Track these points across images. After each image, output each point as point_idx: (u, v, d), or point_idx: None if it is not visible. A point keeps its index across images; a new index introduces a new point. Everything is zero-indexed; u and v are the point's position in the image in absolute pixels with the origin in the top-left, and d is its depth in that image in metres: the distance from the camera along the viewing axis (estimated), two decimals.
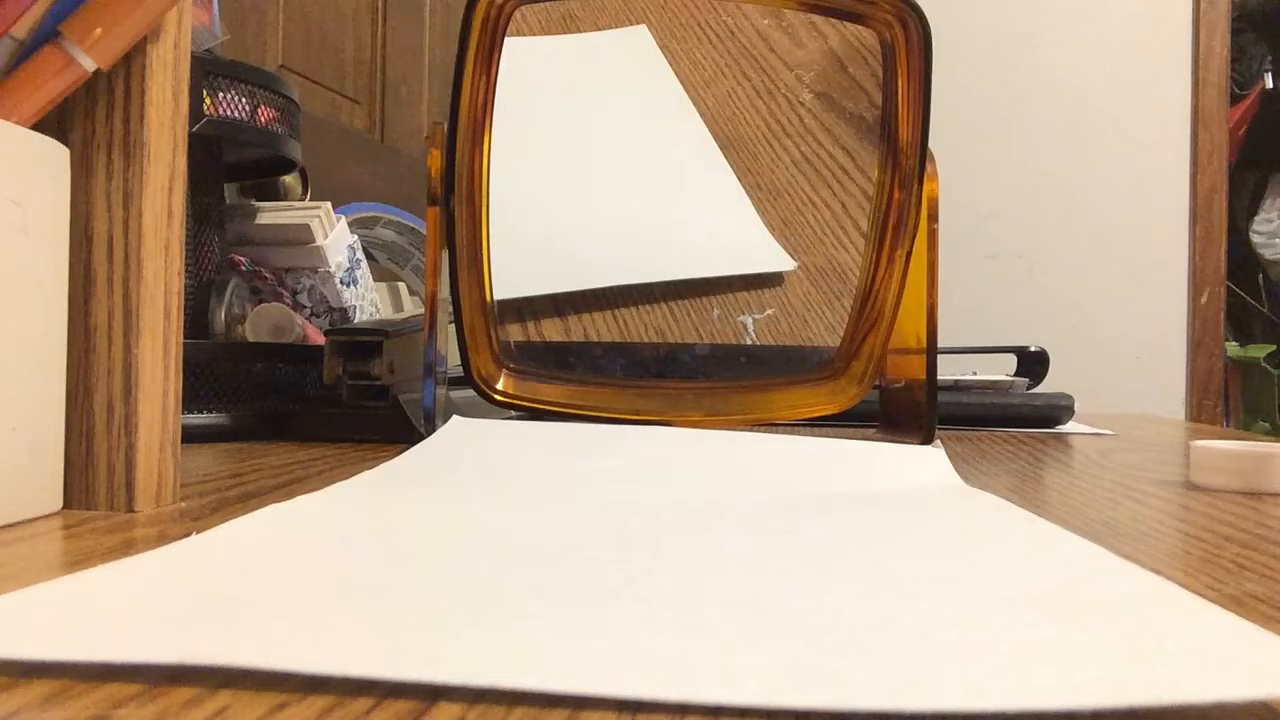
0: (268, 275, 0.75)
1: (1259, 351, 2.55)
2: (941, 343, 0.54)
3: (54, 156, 0.32)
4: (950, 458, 0.48)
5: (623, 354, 0.60)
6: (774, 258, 0.61)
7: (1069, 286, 2.30)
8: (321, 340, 0.61)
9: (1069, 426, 0.78)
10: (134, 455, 0.33)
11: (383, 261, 1.06)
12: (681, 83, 0.63)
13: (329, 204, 0.79)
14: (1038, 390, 0.86)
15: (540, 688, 0.16)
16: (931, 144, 0.54)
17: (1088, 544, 0.28)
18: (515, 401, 0.56)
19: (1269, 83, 2.67)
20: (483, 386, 0.55)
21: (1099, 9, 2.32)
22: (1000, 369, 0.87)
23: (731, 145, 0.62)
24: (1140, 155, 2.31)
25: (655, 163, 0.63)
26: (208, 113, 0.60)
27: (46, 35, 0.31)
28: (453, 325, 0.54)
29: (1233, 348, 2.52)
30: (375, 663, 0.17)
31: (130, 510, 0.33)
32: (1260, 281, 2.67)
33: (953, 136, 1.76)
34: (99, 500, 0.33)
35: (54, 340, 0.32)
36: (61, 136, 0.33)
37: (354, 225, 0.89)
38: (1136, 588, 0.24)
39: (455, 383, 0.56)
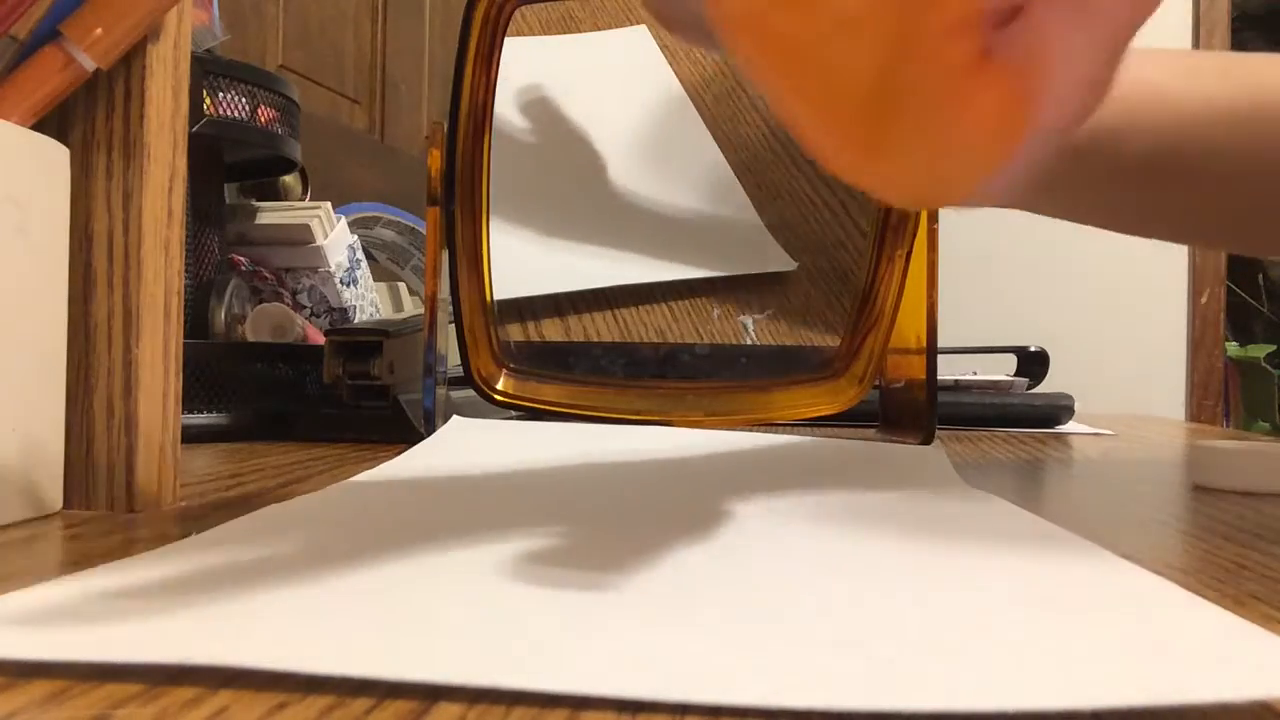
0: (268, 275, 0.75)
1: (1259, 351, 2.55)
2: (941, 343, 0.54)
3: (54, 156, 0.32)
4: (950, 458, 0.48)
5: (623, 354, 0.60)
6: (774, 258, 0.61)
7: (1069, 286, 2.30)
8: (321, 340, 0.61)
9: (1069, 426, 0.78)
10: (134, 455, 0.33)
11: (383, 261, 1.06)
12: (681, 82, 0.63)
13: (329, 204, 0.79)
14: (1038, 390, 0.86)
15: (540, 688, 0.16)
16: None
17: (1088, 544, 0.28)
18: (515, 401, 0.55)
19: None
20: (483, 386, 0.55)
21: None
22: (1000, 369, 0.87)
23: (732, 145, 0.62)
24: None
25: (655, 162, 0.63)
26: (208, 113, 0.60)
27: (46, 35, 0.31)
28: (453, 325, 0.54)
29: (1233, 348, 2.52)
30: (375, 663, 0.17)
31: (130, 511, 0.33)
32: (1260, 281, 2.67)
33: None
34: (99, 500, 0.33)
35: (54, 340, 0.32)
36: (61, 136, 0.33)
37: (354, 225, 0.89)
38: (1136, 588, 0.24)
39: (455, 383, 0.56)
